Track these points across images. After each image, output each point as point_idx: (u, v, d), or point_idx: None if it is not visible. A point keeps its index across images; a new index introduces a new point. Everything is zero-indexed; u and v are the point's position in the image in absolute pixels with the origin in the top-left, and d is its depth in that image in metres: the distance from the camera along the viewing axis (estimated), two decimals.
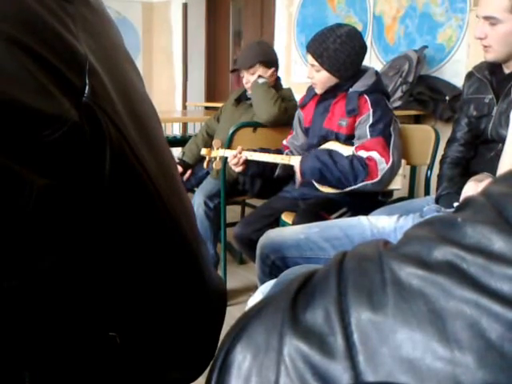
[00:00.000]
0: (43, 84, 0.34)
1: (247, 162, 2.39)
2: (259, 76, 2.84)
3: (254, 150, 2.42)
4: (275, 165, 2.44)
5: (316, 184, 2.29)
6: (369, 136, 2.16)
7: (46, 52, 0.34)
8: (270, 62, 2.91)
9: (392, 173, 2.17)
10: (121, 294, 0.43)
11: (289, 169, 2.41)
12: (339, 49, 2.23)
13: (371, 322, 0.29)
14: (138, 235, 0.43)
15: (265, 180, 2.54)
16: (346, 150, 2.22)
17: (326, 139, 2.32)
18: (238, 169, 2.40)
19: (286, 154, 2.46)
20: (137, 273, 0.44)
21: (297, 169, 2.27)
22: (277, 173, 2.48)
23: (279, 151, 2.52)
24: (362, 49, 2.30)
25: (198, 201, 2.86)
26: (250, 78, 2.86)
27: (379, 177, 2.13)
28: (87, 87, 0.36)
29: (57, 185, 0.35)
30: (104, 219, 0.39)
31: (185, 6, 6.19)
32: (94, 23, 0.42)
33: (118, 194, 0.40)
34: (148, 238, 0.44)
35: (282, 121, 2.72)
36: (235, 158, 2.37)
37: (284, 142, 2.60)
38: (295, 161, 2.30)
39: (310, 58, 2.31)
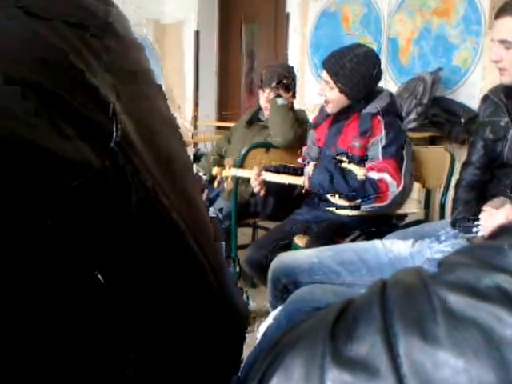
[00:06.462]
0: (62, 129, 0.32)
1: (265, 183, 2.37)
2: (278, 95, 2.83)
3: (276, 168, 2.41)
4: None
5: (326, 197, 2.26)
6: (381, 158, 2.14)
7: (68, 96, 0.33)
8: (293, 86, 2.96)
9: (403, 196, 2.14)
10: (142, 326, 0.42)
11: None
12: (355, 68, 2.21)
13: (423, 352, 0.28)
14: (163, 272, 0.42)
15: (283, 199, 2.50)
16: (359, 172, 2.19)
17: (339, 161, 2.29)
18: (259, 190, 2.37)
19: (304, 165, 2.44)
20: (160, 305, 0.43)
21: (306, 176, 2.26)
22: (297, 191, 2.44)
23: (298, 168, 2.50)
24: (378, 73, 2.27)
25: None
26: (271, 96, 2.87)
27: (389, 200, 2.09)
28: (114, 132, 0.35)
29: (74, 229, 0.33)
30: (127, 259, 0.38)
31: (197, 26, 6.24)
32: (122, 55, 0.41)
33: (143, 237, 0.39)
34: (172, 276, 0.43)
35: (296, 146, 2.70)
36: (256, 180, 2.34)
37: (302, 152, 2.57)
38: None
39: (324, 74, 2.29)
